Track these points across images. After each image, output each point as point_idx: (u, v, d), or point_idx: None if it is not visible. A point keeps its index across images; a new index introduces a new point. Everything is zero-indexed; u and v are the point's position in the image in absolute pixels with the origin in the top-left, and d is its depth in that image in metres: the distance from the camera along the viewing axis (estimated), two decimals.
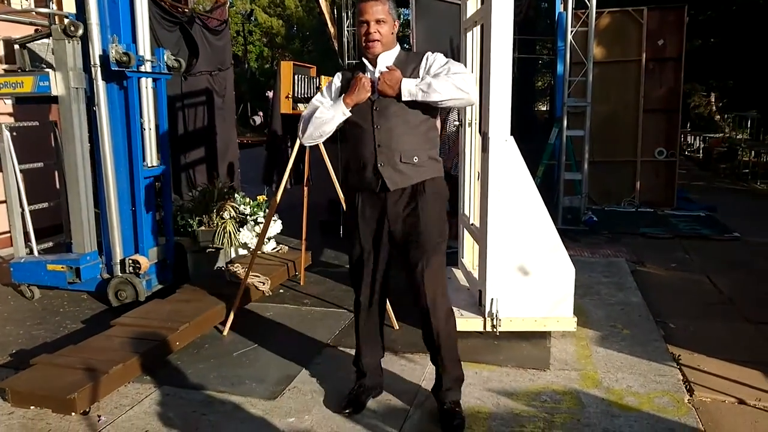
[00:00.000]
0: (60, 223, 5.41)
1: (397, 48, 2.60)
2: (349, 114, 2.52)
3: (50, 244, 4.98)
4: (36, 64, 4.59)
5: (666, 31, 7.88)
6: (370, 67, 2.57)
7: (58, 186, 5.62)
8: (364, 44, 2.51)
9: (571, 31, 6.90)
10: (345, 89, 2.57)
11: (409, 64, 2.55)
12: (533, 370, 3.20)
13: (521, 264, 3.53)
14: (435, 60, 2.55)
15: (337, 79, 2.67)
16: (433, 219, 2.57)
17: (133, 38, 4.19)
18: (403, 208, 2.57)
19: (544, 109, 24.43)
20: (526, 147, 3.64)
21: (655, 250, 5.88)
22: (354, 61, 2.86)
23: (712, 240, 6.31)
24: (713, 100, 18.76)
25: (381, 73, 2.49)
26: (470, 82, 2.48)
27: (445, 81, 2.43)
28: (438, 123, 2.94)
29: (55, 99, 4.21)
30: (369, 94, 2.50)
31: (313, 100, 2.67)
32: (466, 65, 4.29)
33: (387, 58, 2.55)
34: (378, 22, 2.46)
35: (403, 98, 2.47)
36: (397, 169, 2.52)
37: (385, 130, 2.50)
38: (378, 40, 2.48)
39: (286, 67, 3.79)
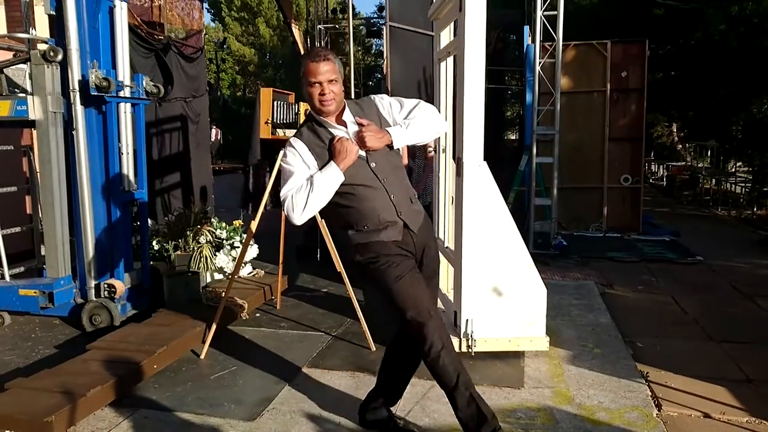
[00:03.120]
0: (31, 248, 5.35)
1: (344, 102, 2.52)
2: (343, 179, 2.40)
3: (21, 269, 4.92)
4: (11, 89, 4.59)
5: (629, 63, 8.24)
6: (337, 127, 2.46)
7: (29, 211, 5.56)
8: (318, 104, 2.40)
9: (539, 63, 7.16)
10: (317, 152, 2.43)
11: (370, 114, 2.53)
12: (508, 388, 3.28)
13: (495, 285, 3.63)
14: (392, 104, 2.58)
15: (300, 148, 2.45)
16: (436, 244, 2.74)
17: (112, 64, 4.24)
18: (424, 240, 2.61)
19: (514, 138, 24.94)
20: (497, 175, 3.75)
21: (622, 273, 6.06)
22: (300, 127, 2.60)
23: (676, 263, 6.53)
24: (675, 129, 19.42)
25: (361, 129, 2.43)
26: (438, 114, 2.61)
27: (424, 120, 2.51)
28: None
29: (32, 123, 4.22)
30: (359, 155, 2.43)
31: (289, 177, 2.42)
32: (440, 93, 4.45)
33: (349, 114, 2.49)
34: (330, 81, 2.38)
35: (395, 147, 2.48)
36: (412, 210, 2.55)
37: (390, 181, 2.49)
38: (333, 99, 2.40)
39: (266, 94, 3.89)
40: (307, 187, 2.37)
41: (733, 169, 14.18)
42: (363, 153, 2.44)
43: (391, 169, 2.52)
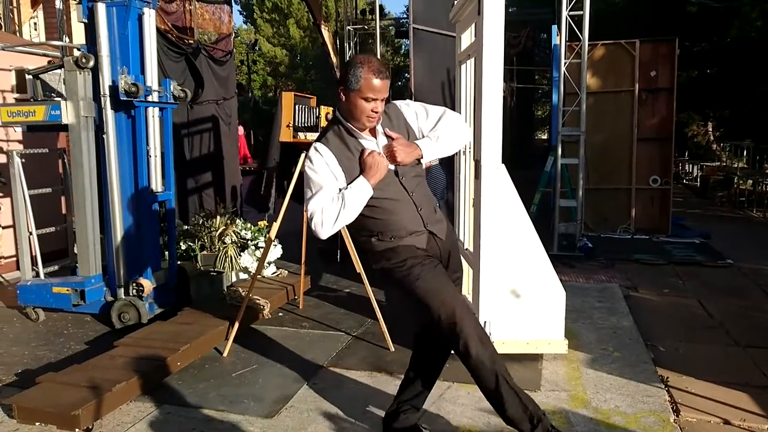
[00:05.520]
0: (65, 247, 5.55)
1: None
2: (372, 193, 2.37)
3: (56, 267, 5.11)
4: (47, 93, 4.77)
5: (658, 62, 8.11)
6: (367, 138, 2.43)
7: (64, 211, 5.77)
8: (364, 119, 2.35)
9: (565, 63, 7.10)
10: (345, 163, 2.38)
11: (399, 125, 2.51)
12: (525, 390, 3.27)
13: (513, 287, 3.64)
14: (418, 112, 2.56)
15: (328, 157, 2.38)
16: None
17: (141, 69, 4.37)
18: (448, 244, 2.62)
19: (545, 137, 24.71)
20: (526, 174, 3.77)
21: (648, 275, 5.98)
22: (325, 131, 2.52)
23: (705, 266, 6.41)
24: (710, 129, 18.99)
25: (391, 143, 2.40)
26: (464, 123, 2.59)
27: (453, 132, 2.49)
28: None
29: (65, 127, 4.38)
30: (389, 168, 2.40)
31: (317, 189, 2.35)
32: (461, 96, 4.47)
33: (378, 125, 2.45)
34: (383, 99, 2.35)
35: (425, 161, 2.46)
36: (436, 219, 2.57)
37: (417, 194, 2.50)
38: (378, 116, 2.38)
39: (288, 98, 3.97)
40: (337, 203, 2.30)
41: None
42: (392, 167, 2.42)
43: (417, 181, 2.52)
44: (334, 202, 2.31)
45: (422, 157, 2.43)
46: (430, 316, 2.40)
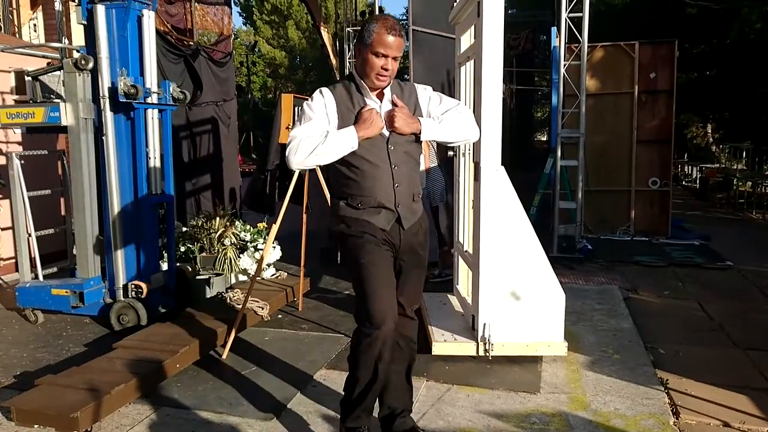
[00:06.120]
0: (64, 249, 5.54)
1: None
2: (356, 147, 2.37)
3: (54, 269, 5.10)
4: (46, 95, 4.77)
5: (657, 64, 8.10)
6: (374, 98, 2.45)
7: (63, 213, 5.76)
8: (374, 77, 2.37)
9: (565, 64, 7.10)
10: (343, 112, 2.40)
11: (409, 100, 2.51)
12: (524, 393, 3.28)
13: (513, 290, 3.64)
14: (432, 97, 2.56)
15: (329, 100, 2.43)
16: (427, 251, 2.68)
17: (140, 71, 4.37)
18: (412, 241, 2.56)
19: (544, 139, 24.72)
20: (525, 176, 3.77)
21: (648, 277, 5.97)
22: (336, 82, 2.58)
23: (705, 268, 6.40)
24: (710, 131, 19.01)
25: (393, 109, 2.40)
26: (474, 122, 2.58)
27: (459, 121, 2.48)
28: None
29: (64, 129, 4.38)
30: (381, 132, 2.41)
31: (307, 121, 2.39)
32: (461, 98, 4.46)
33: (388, 91, 2.47)
34: (395, 58, 2.36)
35: (422, 138, 2.45)
36: (410, 206, 2.52)
37: (401, 169, 2.45)
38: (389, 76, 2.39)
39: (287, 99, 3.96)
40: (319, 138, 2.32)
41: None
42: (386, 132, 2.41)
43: (405, 158, 2.48)
44: (316, 136, 2.33)
45: (420, 133, 2.43)
46: (360, 307, 2.45)
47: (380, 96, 2.47)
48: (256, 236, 5.42)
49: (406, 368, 2.74)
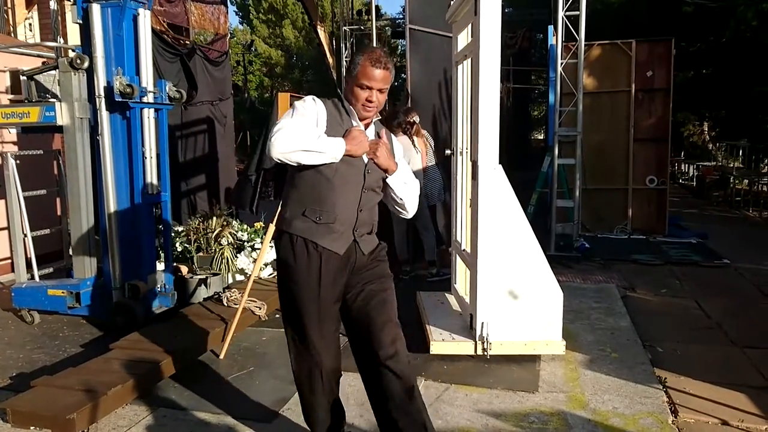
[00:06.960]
0: (60, 249, 5.51)
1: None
2: (339, 159, 2.31)
3: (50, 269, 5.07)
4: (41, 94, 4.74)
5: (654, 63, 8.11)
6: (361, 125, 2.43)
7: (59, 213, 5.73)
8: (360, 106, 2.36)
9: (561, 63, 7.10)
10: (332, 124, 2.36)
11: (387, 141, 2.52)
12: (522, 392, 3.27)
13: (511, 288, 3.63)
14: (398, 153, 2.57)
15: (321, 109, 2.38)
16: (387, 263, 2.58)
17: (136, 70, 4.34)
18: (366, 259, 2.49)
19: (541, 137, 24.73)
20: (523, 175, 3.76)
21: (646, 276, 5.98)
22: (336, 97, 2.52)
23: (702, 266, 6.41)
24: (706, 129, 19.05)
25: (378, 140, 2.42)
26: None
27: (414, 188, 2.52)
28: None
29: (60, 129, 4.35)
30: (365, 154, 2.38)
31: (298, 116, 2.34)
32: (458, 96, 4.45)
33: (372, 125, 2.49)
34: (381, 90, 2.35)
35: (389, 180, 2.44)
36: (367, 237, 2.48)
37: (368, 196, 2.43)
38: (375, 108, 2.39)
39: (284, 99, 3.95)
40: (308, 134, 2.26)
41: (766, 169, 13.84)
42: (365, 159, 2.40)
43: (373, 194, 2.46)
44: (306, 133, 2.26)
45: (393, 172, 2.43)
46: (292, 339, 2.61)
47: (366, 126, 2.46)
48: (253, 236, 5.40)
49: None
